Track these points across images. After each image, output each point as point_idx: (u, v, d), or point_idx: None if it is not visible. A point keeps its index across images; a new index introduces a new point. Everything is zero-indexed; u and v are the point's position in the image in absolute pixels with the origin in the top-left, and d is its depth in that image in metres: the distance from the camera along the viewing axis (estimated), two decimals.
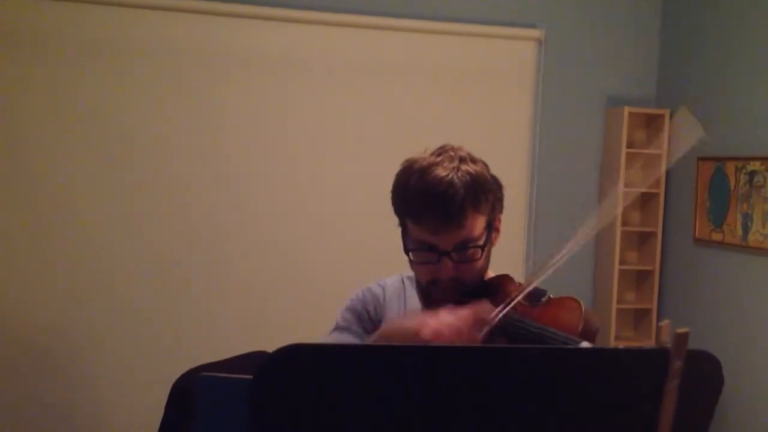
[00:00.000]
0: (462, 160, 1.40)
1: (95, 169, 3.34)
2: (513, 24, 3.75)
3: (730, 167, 3.41)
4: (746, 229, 3.31)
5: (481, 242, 1.40)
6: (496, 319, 1.25)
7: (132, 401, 3.34)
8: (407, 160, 1.44)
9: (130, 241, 3.38)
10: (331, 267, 3.42)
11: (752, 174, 3.28)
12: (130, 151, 3.38)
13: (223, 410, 1.01)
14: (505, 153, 3.77)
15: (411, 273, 1.56)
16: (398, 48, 3.62)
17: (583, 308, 1.27)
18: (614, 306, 3.79)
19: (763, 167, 3.23)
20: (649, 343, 3.75)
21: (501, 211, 1.46)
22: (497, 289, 1.39)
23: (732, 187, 3.40)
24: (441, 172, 1.36)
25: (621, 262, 3.81)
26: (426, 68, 3.65)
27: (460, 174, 1.37)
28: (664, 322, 0.95)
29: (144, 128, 3.38)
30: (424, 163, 1.39)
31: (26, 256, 3.29)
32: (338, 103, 3.56)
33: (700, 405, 0.99)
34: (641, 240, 3.94)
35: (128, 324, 3.38)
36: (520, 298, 1.29)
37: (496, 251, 1.49)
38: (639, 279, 3.95)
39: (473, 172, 1.39)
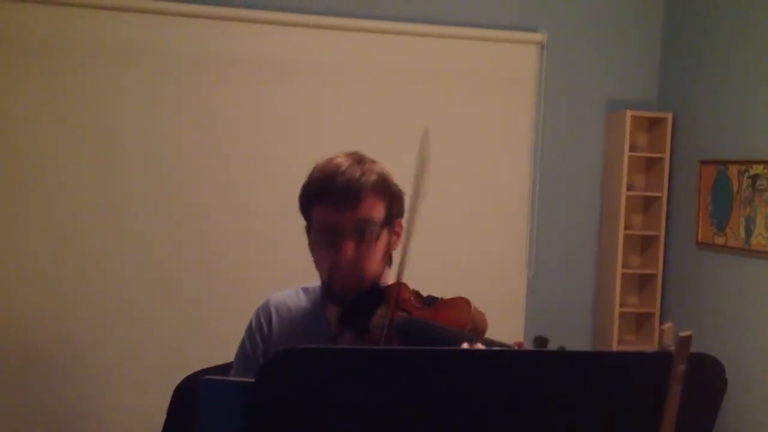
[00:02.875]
0: (365, 159, 1.51)
1: (95, 173, 3.35)
2: (515, 27, 3.76)
3: (732, 171, 3.41)
4: (749, 233, 3.30)
5: (378, 227, 1.47)
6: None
7: (134, 405, 3.34)
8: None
9: (133, 245, 3.39)
10: None
11: (755, 177, 3.28)
12: (130, 154, 3.38)
13: (224, 413, 1.01)
14: (507, 156, 3.77)
15: (310, 284, 1.67)
16: (399, 52, 3.62)
17: (472, 307, 1.34)
18: (617, 310, 3.78)
19: (765, 170, 3.22)
20: (651, 347, 3.74)
21: (401, 215, 1.53)
22: (393, 292, 1.44)
23: (734, 191, 3.39)
24: (342, 161, 1.48)
25: (623, 266, 3.80)
26: (427, 72, 3.65)
27: (361, 164, 1.47)
28: (667, 325, 0.95)
29: (141, 132, 3.39)
30: (326, 159, 1.51)
31: (26, 260, 3.30)
32: (337, 106, 3.57)
33: (704, 408, 0.98)
34: (644, 244, 3.94)
35: (130, 327, 3.38)
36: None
37: (499, 254, 1.51)
38: (641, 283, 3.95)
39: (376, 167, 1.49)
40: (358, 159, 1.49)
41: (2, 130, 3.25)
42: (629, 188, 3.80)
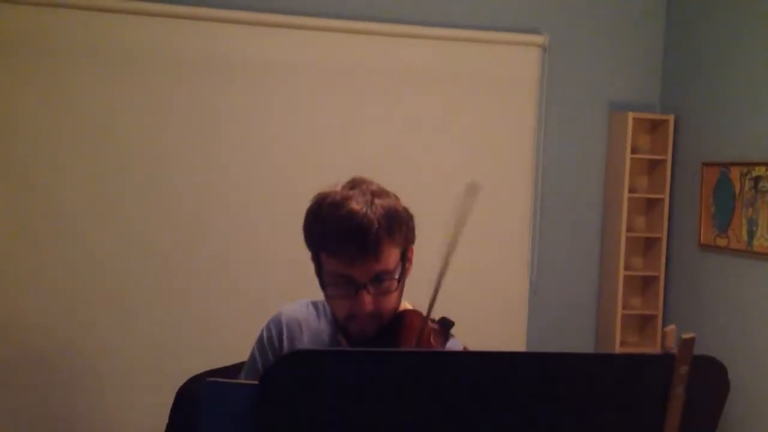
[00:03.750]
0: (374, 194, 1.42)
1: (99, 176, 3.35)
2: (516, 30, 3.76)
3: (734, 172, 3.41)
4: (751, 235, 3.30)
5: (396, 274, 1.42)
6: None
7: (136, 407, 3.34)
8: (318, 195, 1.46)
9: (135, 247, 3.39)
10: None
11: (757, 179, 3.28)
12: (133, 158, 3.38)
13: (228, 416, 1.01)
14: (509, 159, 3.77)
15: (318, 299, 1.60)
16: (401, 54, 3.62)
17: None
18: (619, 312, 3.78)
19: (767, 172, 3.22)
20: (654, 349, 3.74)
21: (413, 242, 1.48)
22: (409, 324, 1.42)
23: (737, 193, 3.39)
24: (355, 205, 1.38)
25: (626, 268, 3.80)
26: (429, 74, 3.65)
27: (373, 208, 1.38)
28: (670, 328, 0.95)
29: (144, 135, 3.39)
30: (337, 197, 1.41)
31: (28, 261, 3.30)
32: (341, 109, 3.57)
33: (706, 410, 0.98)
34: (646, 246, 3.94)
35: (133, 329, 3.39)
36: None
37: (501, 256, 1.49)
38: (644, 285, 3.94)
39: (386, 205, 1.41)
40: (369, 200, 1.39)
41: (6, 133, 3.26)
42: (631, 190, 3.80)
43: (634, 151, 3.79)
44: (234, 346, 2.03)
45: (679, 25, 3.88)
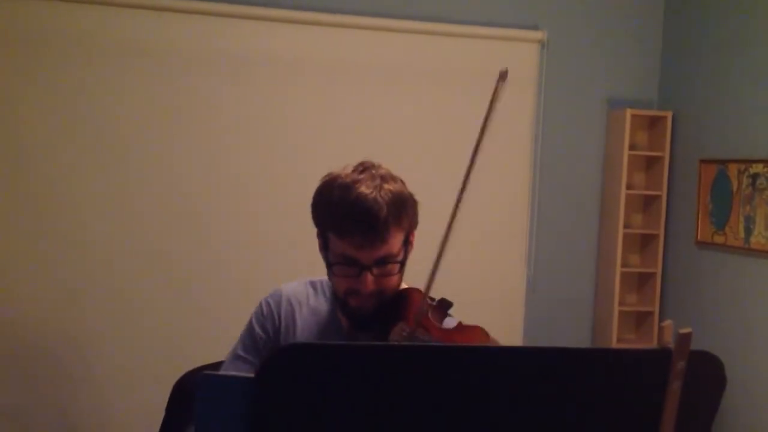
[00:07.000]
0: (383, 178, 1.45)
1: (100, 172, 3.35)
2: (515, 26, 3.75)
3: (732, 169, 3.41)
4: (748, 232, 3.30)
5: (399, 258, 1.46)
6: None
7: (132, 402, 3.34)
8: (328, 175, 1.49)
9: (131, 242, 3.39)
10: None
11: (755, 176, 3.28)
12: (134, 155, 3.38)
13: (224, 409, 1.01)
14: (508, 155, 3.77)
15: (316, 278, 1.65)
16: (399, 50, 3.62)
17: (490, 338, 1.33)
18: (616, 308, 3.78)
19: (765, 170, 3.22)
20: (651, 345, 3.75)
21: (416, 227, 1.53)
22: (409, 301, 1.46)
23: (734, 190, 3.39)
24: (365, 189, 1.41)
25: (623, 265, 3.81)
26: (427, 70, 3.65)
27: (382, 192, 1.41)
28: (667, 323, 0.95)
29: (145, 131, 3.38)
30: (348, 180, 1.43)
31: (26, 256, 3.30)
32: (338, 104, 3.57)
33: (703, 406, 0.99)
34: (643, 242, 3.94)
35: (129, 324, 3.39)
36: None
37: (499, 252, 1.49)
38: (641, 281, 3.95)
39: (394, 190, 1.44)
40: (378, 185, 1.42)
41: (5, 127, 3.25)
42: (629, 187, 3.80)
43: (631, 147, 3.79)
44: (231, 341, 2.03)
45: (677, 22, 3.87)
